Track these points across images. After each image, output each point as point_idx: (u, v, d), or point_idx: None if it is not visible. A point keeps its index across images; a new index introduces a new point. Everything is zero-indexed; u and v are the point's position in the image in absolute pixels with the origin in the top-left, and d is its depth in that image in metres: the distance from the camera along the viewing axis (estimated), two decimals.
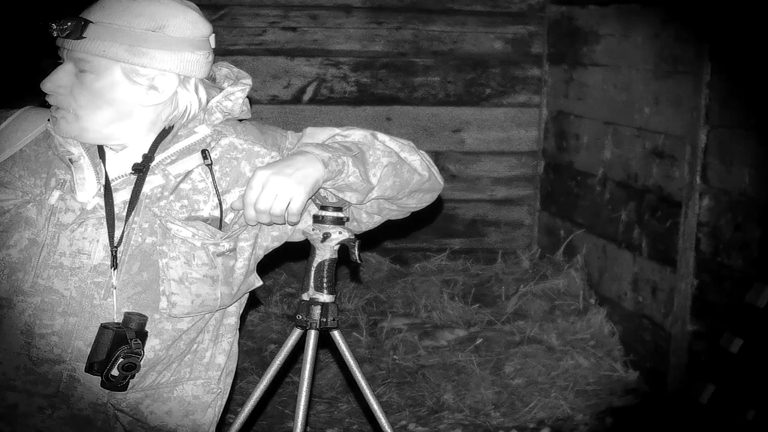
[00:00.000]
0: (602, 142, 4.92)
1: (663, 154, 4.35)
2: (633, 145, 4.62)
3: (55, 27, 2.12)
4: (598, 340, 4.63)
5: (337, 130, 2.29)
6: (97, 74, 2.13)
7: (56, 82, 2.15)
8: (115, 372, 2.12)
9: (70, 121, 2.15)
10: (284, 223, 2.18)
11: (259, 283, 2.34)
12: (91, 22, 2.12)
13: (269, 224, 2.21)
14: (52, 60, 2.21)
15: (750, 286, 3.69)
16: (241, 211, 2.21)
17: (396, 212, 2.39)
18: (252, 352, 4.63)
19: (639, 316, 4.51)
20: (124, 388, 2.16)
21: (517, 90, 5.61)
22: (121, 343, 2.11)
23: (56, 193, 2.16)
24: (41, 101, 2.24)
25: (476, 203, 5.67)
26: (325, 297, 2.31)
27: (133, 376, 2.16)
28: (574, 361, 4.44)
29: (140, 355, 2.14)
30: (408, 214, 2.43)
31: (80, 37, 2.11)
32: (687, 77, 4.15)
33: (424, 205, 2.42)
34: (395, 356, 4.62)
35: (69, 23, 2.11)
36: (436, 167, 2.37)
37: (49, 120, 2.20)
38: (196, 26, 2.18)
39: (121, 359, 2.12)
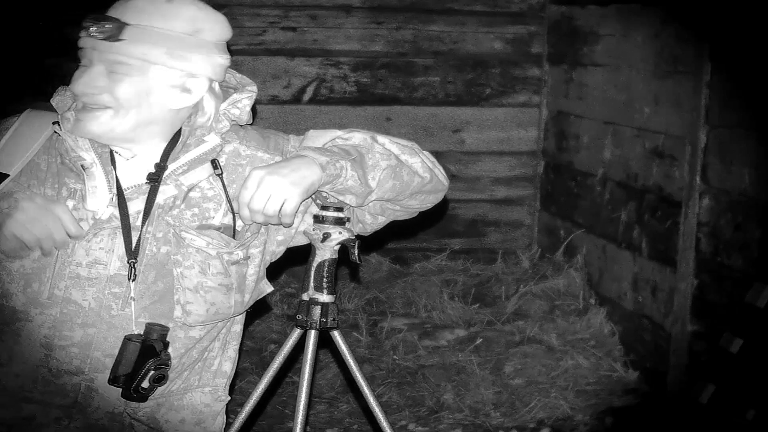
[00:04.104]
0: (602, 142, 4.92)
1: (663, 154, 4.36)
2: (633, 145, 4.62)
3: (93, 29, 2.09)
4: (598, 340, 4.63)
5: (339, 133, 2.29)
6: (132, 76, 2.11)
7: (89, 84, 2.11)
8: (145, 384, 2.12)
9: (103, 120, 2.12)
10: (278, 224, 2.18)
11: (269, 289, 2.34)
12: (129, 24, 2.10)
13: (264, 224, 2.21)
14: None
15: (750, 286, 3.69)
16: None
17: (400, 213, 2.38)
18: (252, 352, 4.63)
19: (639, 316, 4.51)
20: (146, 398, 2.16)
21: (517, 90, 5.61)
22: (149, 356, 2.11)
23: (70, 203, 2.15)
24: (41, 101, 2.22)
25: (476, 203, 5.67)
26: (325, 297, 2.31)
27: (159, 387, 2.16)
28: (574, 361, 4.44)
29: (169, 366, 2.14)
30: (414, 215, 2.43)
31: (119, 40, 2.09)
32: (687, 77, 4.15)
33: (429, 205, 2.41)
34: (395, 356, 4.62)
35: (107, 25, 2.09)
36: (440, 168, 2.37)
37: (55, 123, 2.18)
38: (226, 30, 2.19)
39: (152, 371, 2.12)
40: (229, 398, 2.35)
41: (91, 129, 2.13)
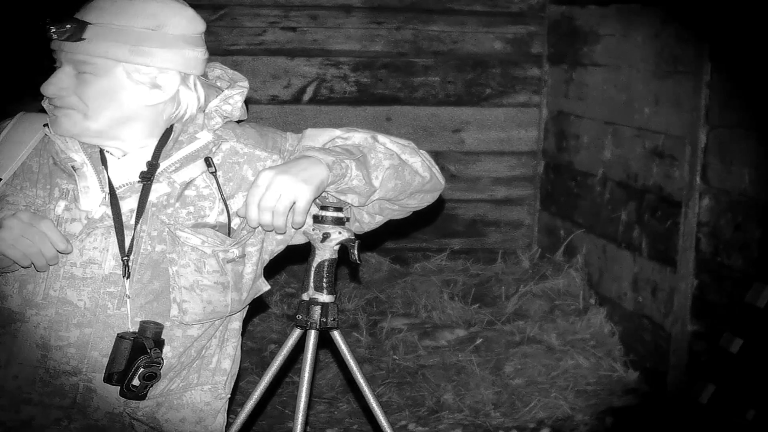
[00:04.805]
0: (602, 142, 4.92)
1: (663, 154, 4.36)
2: (633, 145, 4.62)
3: (53, 30, 2.10)
4: (598, 340, 4.63)
5: (337, 132, 2.29)
6: (98, 76, 2.12)
7: (58, 85, 2.13)
8: (136, 382, 2.13)
9: (76, 120, 2.13)
10: (285, 225, 2.17)
11: (266, 287, 2.34)
12: (90, 23, 2.10)
13: (273, 226, 2.19)
14: (49, 62, 2.19)
15: (750, 286, 3.69)
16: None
17: (398, 212, 2.38)
18: (252, 352, 4.63)
19: (639, 316, 4.51)
20: (144, 397, 2.17)
21: (517, 90, 5.61)
22: (140, 353, 2.11)
23: (62, 203, 2.15)
24: (41, 103, 2.23)
25: (476, 203, 5.67)
26: (325, 297, 2.31)
27: (152, 385, 2.16)
28: (574, 361, 4.44)
29: (160, 364, 2.14)
30: (409, 214, 2.43)
31: (80, 39, 2.10)
32: (687, 77, 4.15)
33: (426, 204, 2.42)
34: (395, 356, 4.62)
35: (68, 26, 2.09)
36: (437, 167, 2.37)
37: (45, 125, 2.19)
38: (193, 23, 2.18)
39: (141, 369, 2.12)
40: (228, 395, 2.34)
41: (67, 127, 2.14)
